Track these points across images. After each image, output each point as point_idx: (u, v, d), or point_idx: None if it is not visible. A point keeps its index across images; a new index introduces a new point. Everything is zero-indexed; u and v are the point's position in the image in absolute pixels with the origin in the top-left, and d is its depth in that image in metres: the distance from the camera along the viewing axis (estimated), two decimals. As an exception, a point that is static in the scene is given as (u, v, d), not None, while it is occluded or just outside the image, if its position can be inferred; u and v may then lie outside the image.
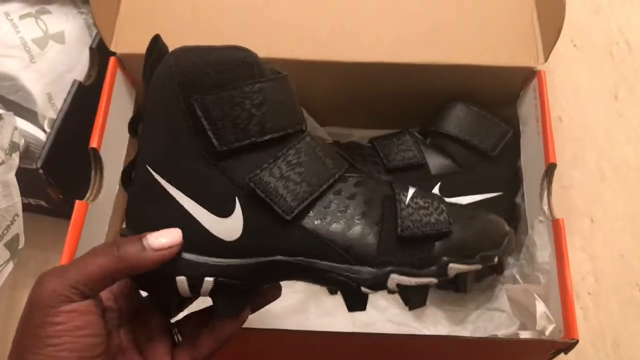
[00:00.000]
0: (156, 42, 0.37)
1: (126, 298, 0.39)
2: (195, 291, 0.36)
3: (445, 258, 0.37)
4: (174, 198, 0.36)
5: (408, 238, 0.37)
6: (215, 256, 0.36)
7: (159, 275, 0.35)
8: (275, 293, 0.43)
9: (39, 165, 0.52)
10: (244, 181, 0.35)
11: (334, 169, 0.38)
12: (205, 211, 0.35)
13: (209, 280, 0.35)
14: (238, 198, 0.35)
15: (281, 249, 0.36)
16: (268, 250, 0.36)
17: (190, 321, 0.40)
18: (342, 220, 0.37)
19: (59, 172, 0.54)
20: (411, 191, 0.39)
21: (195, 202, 0.35)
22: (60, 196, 0.56)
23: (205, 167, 0.35)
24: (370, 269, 0.36)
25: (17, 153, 0.50)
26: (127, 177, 0.39)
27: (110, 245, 0.34)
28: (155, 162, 0.36)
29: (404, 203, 0.38)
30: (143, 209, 0.37)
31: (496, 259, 0.39)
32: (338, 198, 0.37)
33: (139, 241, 0.34)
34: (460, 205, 0.42)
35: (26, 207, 0.51)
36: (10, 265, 0.48)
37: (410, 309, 0.38)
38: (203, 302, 0.40)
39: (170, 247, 0.34)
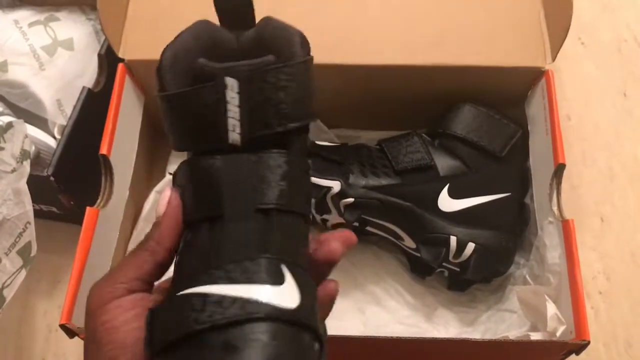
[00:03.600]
0: None
1: None
2: None
3: None
4: None
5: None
6: None
7: None
8: None
9: (49, 172, 0.53)
10: None
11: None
12: None
13: None
14: None
15: None
16: None
17: None
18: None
19: (69, 179, 0.55)
20: (201, 288, 0.29)
21: None
22: (72, 202, 0.56)
23: None
24: None
25: (28, 160, 0.50)
26: None
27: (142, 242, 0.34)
28: None
29: (178, 289, 0.30)
30: None
31: None
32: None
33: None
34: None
35: (38, 214, 0.51)
36: (23, 273, 0.48)
37: None
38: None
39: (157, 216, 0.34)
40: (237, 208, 0.31)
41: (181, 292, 0.29)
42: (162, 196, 0.34)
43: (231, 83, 0.31)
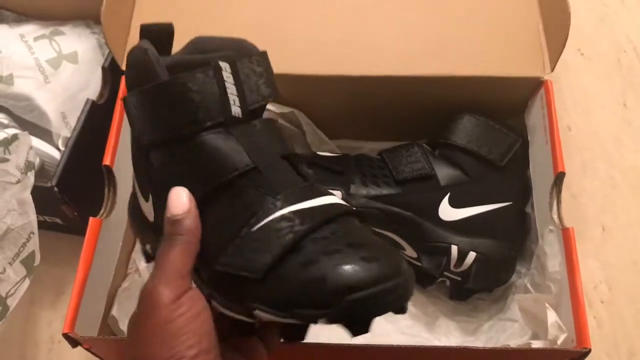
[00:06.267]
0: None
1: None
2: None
3: (252, 304, 0.33)
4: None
5: (221, 275, 0.34)
6: (149, 230, 0.40)
7: None
8: None
9: (53, 183, 0.53)
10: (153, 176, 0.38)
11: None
12: (139, 192, 0.40)
13: (147, 247, 0.42)
14: (150, 190, 0.38)
15: None
16: None
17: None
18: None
19: (73, 190, 0.55)
20: (277, 214, 0.34)
21: (137, 182, 0.40)
22: (75, 213, 0.57)
23: (140, 157, 0.39)
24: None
25: (33, 172, 0.51)
26: None
27: (168, 238, 0.35)
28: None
29: (250, 229, 0.34)
30: None
31: (320, 321, 0.32)
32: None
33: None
34: (316, 240, 0.33)
35: (42, 225, 0.52)
36: (27, 282, 0.48)
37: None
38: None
39: (177, 214, 0.35)
40: (267, 160, 0.36)
41: (249, 230, 0.34)
42: (172, 196, 0.35)
43: (224, 65, 0.36)
